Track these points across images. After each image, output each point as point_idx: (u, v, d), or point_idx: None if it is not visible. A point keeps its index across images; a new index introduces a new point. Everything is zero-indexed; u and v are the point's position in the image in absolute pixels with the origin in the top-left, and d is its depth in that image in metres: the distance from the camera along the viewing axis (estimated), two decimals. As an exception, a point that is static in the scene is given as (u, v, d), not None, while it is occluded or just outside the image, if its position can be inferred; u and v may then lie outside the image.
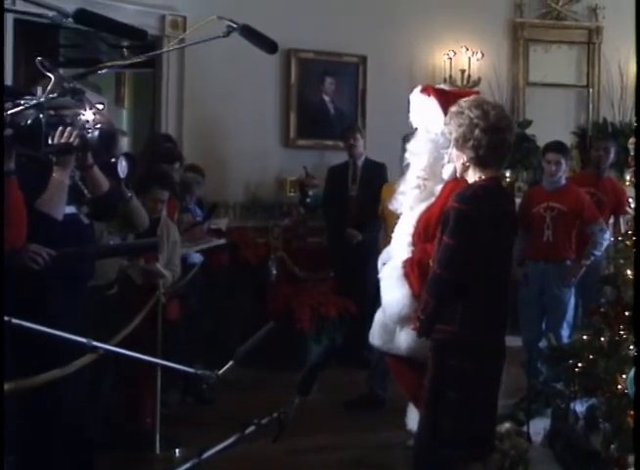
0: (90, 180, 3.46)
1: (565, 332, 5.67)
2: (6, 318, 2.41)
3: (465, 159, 3.28)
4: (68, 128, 3.12)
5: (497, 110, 3.29)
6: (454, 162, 3.39)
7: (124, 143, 5.28)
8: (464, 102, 3.33)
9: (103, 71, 3.00)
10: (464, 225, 3.18)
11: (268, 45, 2.75)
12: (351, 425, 5.27)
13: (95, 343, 2.45)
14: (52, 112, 3.10)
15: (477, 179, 3.27)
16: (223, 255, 6.42)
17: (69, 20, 2.44)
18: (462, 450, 3.25)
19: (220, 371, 2.27)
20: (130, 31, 2.63)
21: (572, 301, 5.81)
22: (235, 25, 2.67)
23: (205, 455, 1.97)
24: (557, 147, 5.97)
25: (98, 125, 3.16)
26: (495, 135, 3.23)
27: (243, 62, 7.05)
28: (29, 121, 2.98)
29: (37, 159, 3.16)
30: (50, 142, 3.09)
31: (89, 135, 3.17)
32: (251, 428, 2.03)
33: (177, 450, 4.63)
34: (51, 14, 2.50)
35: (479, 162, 3.25)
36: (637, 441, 2.81)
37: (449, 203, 3.32)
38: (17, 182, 2.95)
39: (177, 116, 7.20)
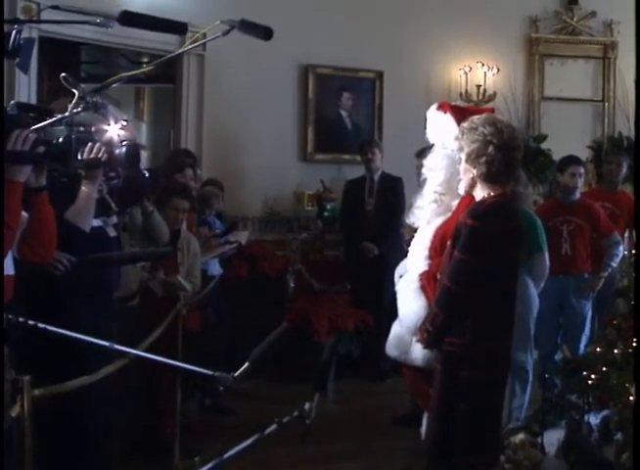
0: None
1: (583, 345, 5.69)
2: (31, 322, 2.50)
3: (475, 174, 3.35)
4: (97, 144, 3.22)
5: (509, 129, 3.37)
6: (462, 176, 3.46)
7: (143, 157, 5.35)
8: (477, 119, 3.40)
9: (122, 83, 3.09)
10: (476, 241, 3.24)
11: (264, 32, 2.81)
12: (365, 434, 5.32)
13: (117, 346, 2.54)
14: (82, 128, 3.21)
15: (485, 195, 3.34)
16: (242, 267, 6.49)
17: (115, 23, 2.62)
18: (472, 459, 3.31)
19: (236, 373, 2.35)
20: (172, 25, 2.80)
21: (590, 313, 5.84)
22: (234, 23, 2.75)
23: (227, 455, 2.03)
24: (578, 159, 6.06)
25: (124, 141, 3.26)
26: (508, 153, 3.30)
27: (261, 78, 7.18)
28: (61, 139, 3.08)
29: (67, 173, 3.25)
30: (80, 157, 3.18)
31: (117, 151, 3.27)
32: (273, 427, 2.08)
33: (197, 459, 4.67)
34: (98, 19, 2.68)
35: (489, 178, 3.32)
36: (637, 442, 2.86)
37: (461, 218, 3.38)
38: (48, 198, 3.05)
39: (197, 131, 7.30)
